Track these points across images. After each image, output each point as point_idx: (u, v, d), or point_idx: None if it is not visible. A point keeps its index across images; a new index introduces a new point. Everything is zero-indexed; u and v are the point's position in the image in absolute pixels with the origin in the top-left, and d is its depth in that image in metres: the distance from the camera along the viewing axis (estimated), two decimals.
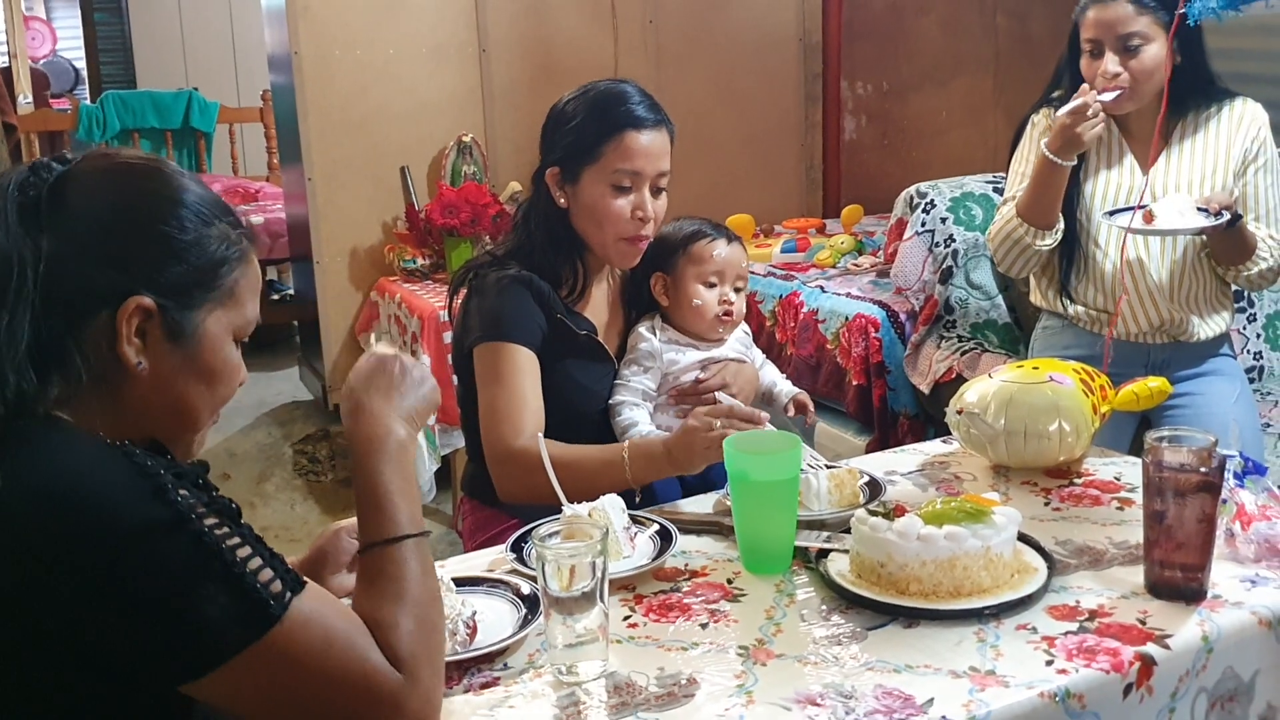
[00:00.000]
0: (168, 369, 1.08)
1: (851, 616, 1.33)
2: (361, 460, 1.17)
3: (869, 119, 4.64)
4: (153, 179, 1.10)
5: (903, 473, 1.78)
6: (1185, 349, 2.37)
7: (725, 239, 2.00)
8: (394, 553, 1.12)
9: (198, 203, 1.10)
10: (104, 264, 1.04)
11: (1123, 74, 2.21)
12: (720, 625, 1.33)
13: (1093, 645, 1.24)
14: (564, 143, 1.89)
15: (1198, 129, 2.31)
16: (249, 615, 0.98)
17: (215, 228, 1.10)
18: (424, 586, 1.12)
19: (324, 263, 4.02)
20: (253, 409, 4.63)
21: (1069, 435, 1.70)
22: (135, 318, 1.05)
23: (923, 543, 1.33)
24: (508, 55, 4.10)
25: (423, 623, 1.09)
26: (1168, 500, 1.33)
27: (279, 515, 3.83)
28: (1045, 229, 2.31)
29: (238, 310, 1.13)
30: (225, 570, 0.98)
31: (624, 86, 1.92)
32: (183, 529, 0.97)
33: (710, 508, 1.68)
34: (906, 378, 2.97)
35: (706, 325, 1.97)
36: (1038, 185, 2.27)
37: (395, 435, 1.18)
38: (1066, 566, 1.43)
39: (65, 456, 0.99)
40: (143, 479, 0.98)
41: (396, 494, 1.15)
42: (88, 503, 0.96)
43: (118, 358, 1.05)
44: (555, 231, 1.91)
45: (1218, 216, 2.11)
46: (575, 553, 1.24)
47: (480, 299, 1.89)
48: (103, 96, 6.51)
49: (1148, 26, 2.19)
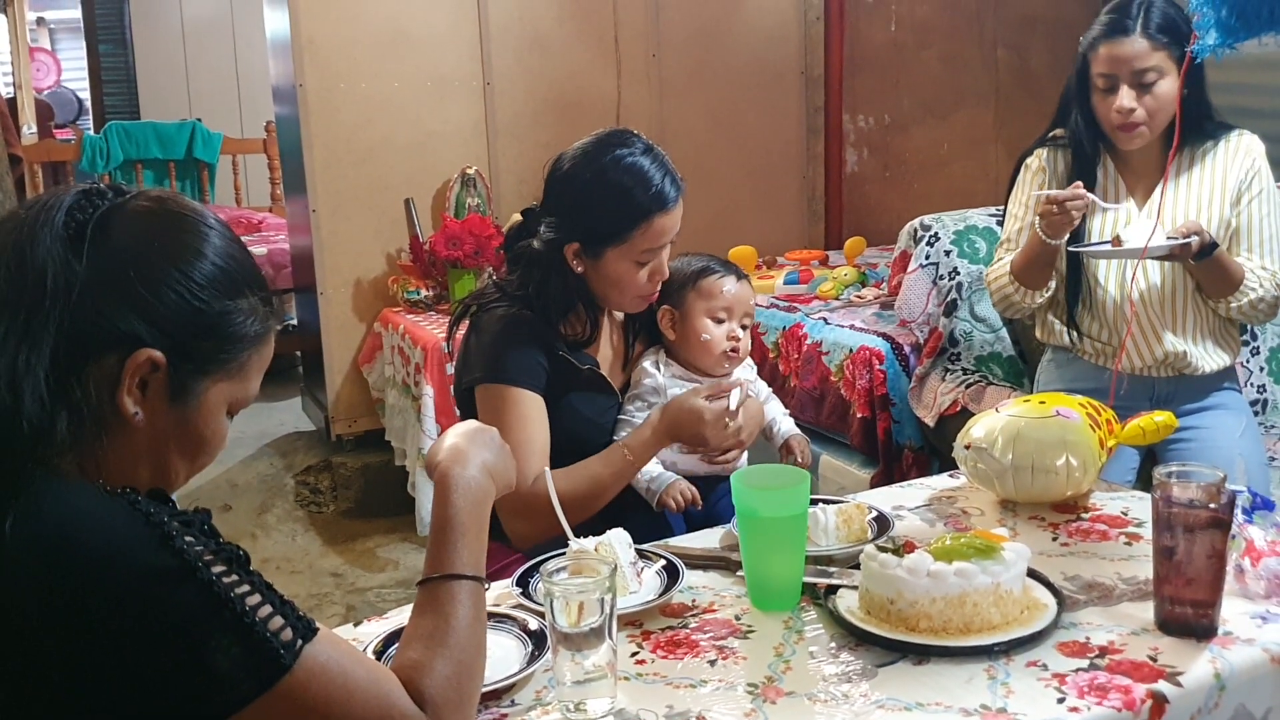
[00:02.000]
0: (159, 427, 1.05)
1: (861, 653, 1.32)
2: (444, 494, 1.20)
3: (870, 151, 4.66)
4: (197, 235, 1.08)
5: (910, 508, 1.77)
6: (1190, 382, 2.37)
7: (735, 276, 2.01)
8: (449, 590, 1.13)
9: (235, 270, 1.09)
10: (129, 308, 1.02)
11: (1139, 110, 2.22)
12: (729, 662, 1.32)
13: (1104, 683, 1.23)
14: (585, 224, 1.85)
15: (1194, 163, 2.32)
16: (260, 665, 0.96)
17: (245, 300, 1.09)
18: (471, 632, 1.12)
19: (328, 294, 4.02)
20: (254, 439, 4.62)
21: (1076, 470, 1.69)
22: (142, 369, 1.03)
23: (932, 579, 1.33)
24: (512, 88, 4.12)
25: (461, 668, 1.09)
26: (1177, 536, 1.33)
27: (280, 547, 3.81)
28: (1036, 290, 2.36)
29: (242, 385, 1.11)
30: (235, 619, 0.96)
31: (639, 160, 1.84)
32: (191, 577, 0.95)
33: (717, 542, 1.67)
34: (911, 410, 2.97)
35: (713, 360, 1.97)
36: (1029, 255, 2.32)
37: (481, 482, 1.22)
38: (1076, 603, 1.42)
39: (68, 505, 0.97)
40: (148, 527, 0.96)
41: (467, 534, 1.17)
42: (93, 552, 0.94)
43: (114, 405, 1.02)
44: (569, 291, 1.89)
45: (1185, 239, 2.12)
46: (584, 589, 1.23)
47: (480, 336, 1.89)
48: (106, 127, 6.54)
49: (1162, 61, 2.20)
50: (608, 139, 1.89)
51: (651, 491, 1.89)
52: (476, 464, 1.24)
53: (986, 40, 4.66)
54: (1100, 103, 2.27)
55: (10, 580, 0.94)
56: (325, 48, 3.87)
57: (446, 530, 1.17)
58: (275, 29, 4.15)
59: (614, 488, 1.85)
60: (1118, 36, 2.22)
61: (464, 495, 1.20)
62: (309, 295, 4.16)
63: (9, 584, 0.94)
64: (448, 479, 1.21)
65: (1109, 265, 2.32)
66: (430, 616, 1.11)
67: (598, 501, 1.83)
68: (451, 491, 1.20)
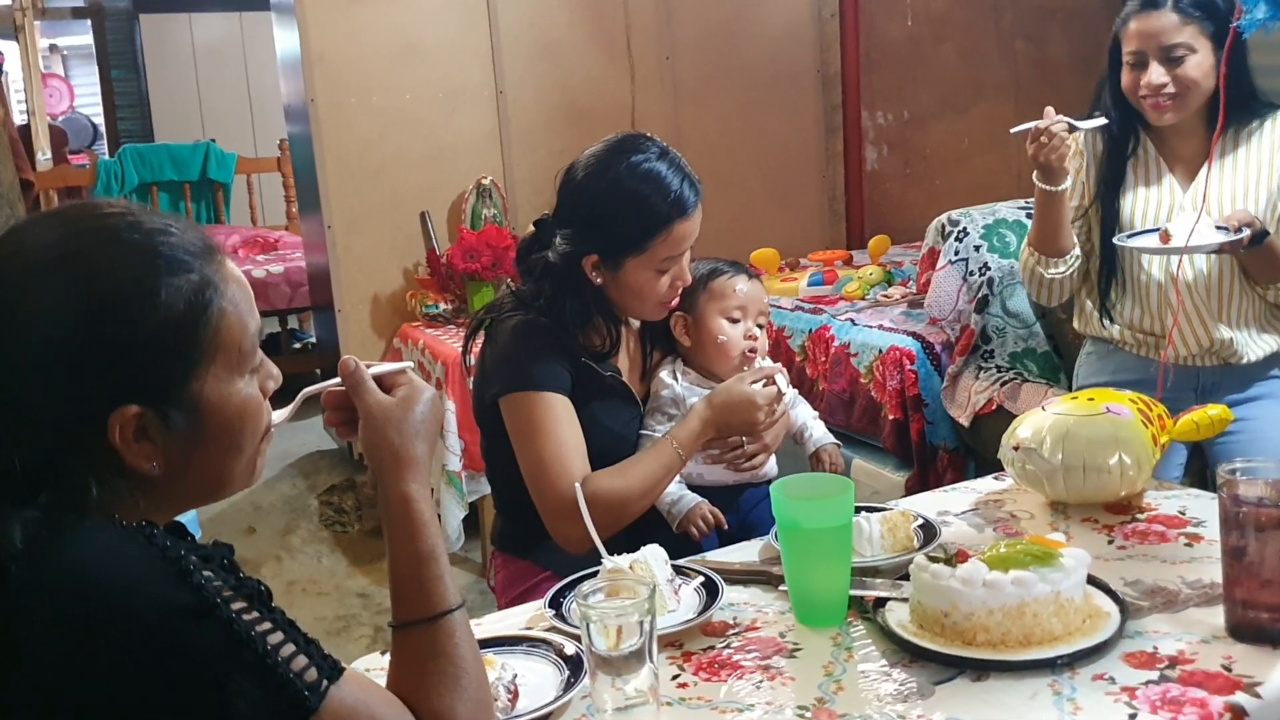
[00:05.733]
0: (182, 453, 0.97)
1: (916, 670, 1.25)
2: (413, 524, 1.06)
3: (890, 148, 4.60)
4: (74, 275, 0.93)
5: (956, 513, 1.70)
6: (1235, 371, 2.29)
7: (745, 275, 1.95)
8: (446, 629, 1.04)
9: (142, 277, 0.94)
10: (58, 391, 0.92)
11: (1168, 84, 2.15)
12: (776, 684, 1.26)
13: (1177, 696, 1.16)
14: (602, 235, 1.78)
15: (1239, 144, 2.25)
16: (283, 708, 0.91)
17: (162, 297, 0.94)
18: (475, 664, 1.05)
19: (345, 310, 3.97)
20: (277, 460, 4.58)
21: (1130, 468, 1.62)
22: (128, 428, 0.94)
23: (989, 589, 1.26)
24: (525, 97, 4.07)
25: (480, 707, 1.02)
26: (1247, 536, 1.26)
27: (306, 568, 3.76)
28: (1055, 256, 2.29)
29: (230, 353, 0.98)
30: (256, 660, 0.90)
31: (655, 166, 1.77)
32: (210, 615, 0.89)
33: (756, 555, 1.61)
34: (944, 410, 2.89)
35: (732, 362, 1.90)
36: (1038, 214, 2.27)
37: (428, 488, 1.11)
38: (1139, 609, 1.35)
39: (82, 541, 0.91)
40: (165, 562, 0.90)
41: (441, 558, 1.07)
42: (107, 588, 0.89)
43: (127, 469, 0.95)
44: (587, 303, 1.83)
45: (1237, 233, 2.05)
46: (622, 611, 1.17)
47: (497, 347, 1.82)
48: (120, 150, 6.55)
49: (1192, 37, 2.14)
50: (621, 145, 1.82)
51: (673, 515, 1.83)
52: (425, 470, 1.09)
53: (1004, 32, 4.59)
54: (1128, 79, 2.21)
55: (24, 617, 0.89)
56: (336, 62, 3.83)
57: (429, 564, 1.05)
58: (285, 47, 4.12)
59: (666, 482, 1.79)
60: (1148, 10, 2.18)
61: (433, 517, 1.08)
62: (327, 313, 4.12)
63: (23, 621, 0.89)
64: (410, 506, 1.07)
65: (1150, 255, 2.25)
66: (436, 662, 1.03)
67: (649, 498, 1.78)
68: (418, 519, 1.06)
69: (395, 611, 1.06)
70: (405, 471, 1.08)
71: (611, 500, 1.71)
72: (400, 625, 1.05)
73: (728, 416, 1.80)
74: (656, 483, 1.77)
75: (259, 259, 5.82)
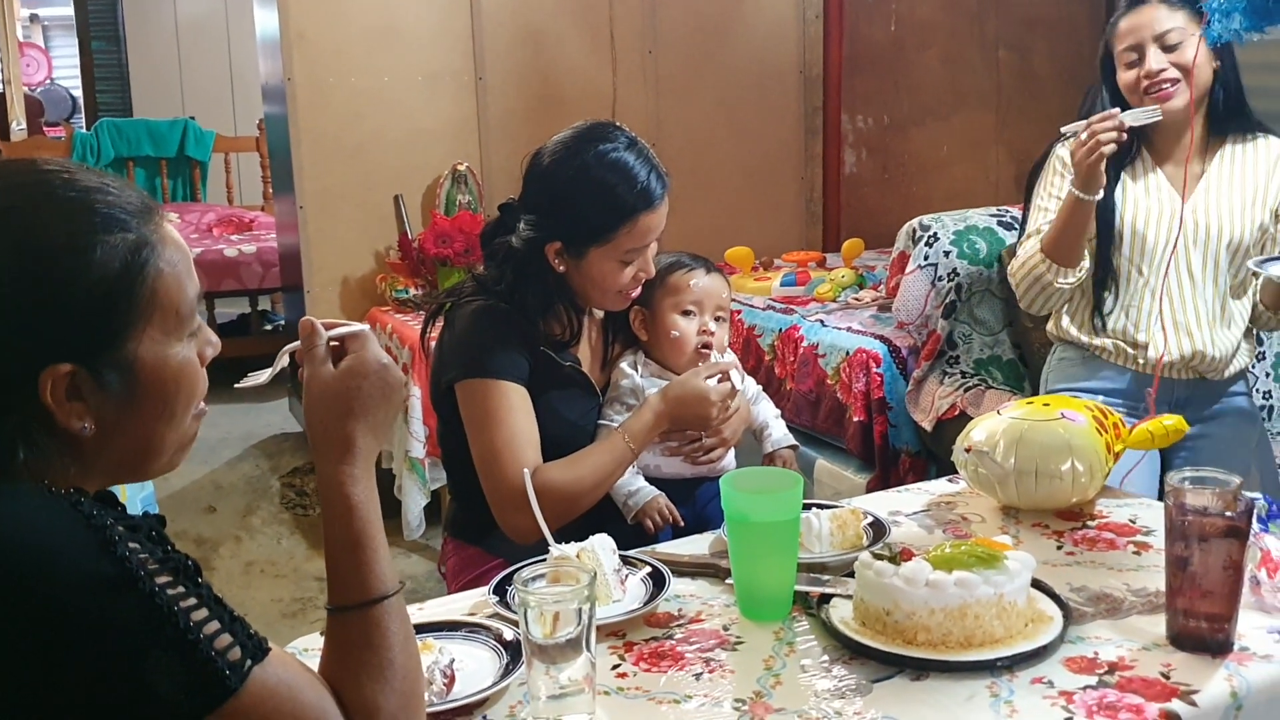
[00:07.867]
0: (114, 415, 0.95)
1: (855, 668, 1.25)
2: (334, 505, 1.04)
3: (869, 152, 4.60)
4: (7, 231, 0.92)
5: (907, 513, 1.70)
6: (1206, 386, 2.29)
7: (704, 269, 1.93)
8: (377, 615, 1.01)
9: (77, 233, 0.92)
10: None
11: (1168, 69, 2.15)
12: (716, 676, 1.25)
13: (1114, 701, 1.16)
14: (566, 223, 1.77)
15: (1234, 159, 2.25)
16: (202, 686, 0.88)
17: (96, 254, 0.92)
18: (407, 653, 1.02)
19: (314, 292, 3.95)
20: (240, 441, 4.55)
21: (1082, 475, 1.62)
22: (60, 386, 0.92)
23: (931, 589, 1.25)
24: (505, 84, 4.05)
25: (407, 699, 1.00)
26: (1192, 546, 1.26)
27: (265, 549, 3.73)
28: (1069, 267, 2.24)
29: (167, 315, 0.96)
30: (177, 636, 0.87)
31: (623, 156, 1.76)
32: (131, 588, 0.87)
33: (706, 548, 1.60)
34: (908, 414, 2.89)
35: (686, 358, 1.89)
36: (1064, 221, 2.20)
37: (371, 470, 1.07)
38: (1083, 615, 1.35)
39: (3, 505, 0.89)
40: (90, 530, 0.88)
41: (376, 540, 1.04)
42: (27, 554, 0.86)
43: (59, 429, 0.92)
44: (549, 290, 1.81)
45: None
46: (560, 598, 1.16)
47: (455, 332, 1.80)
48: (98, 124, 6.48)
49: (1184, 22, 2.16)
50: (589, 132, 1.80)
51: (630, 506, 1.82)
52: (362, 451, 1.06)
53: (988, 41, 4.59)
54: (1129, 75, 2.20)
55: None
56: (315, 42, 3.80)
57: (359, 549, 1.03)
58: (265, 26, 4.09)
59: (617, 475, 1.78)
60: (1137, 6, 2.20)
61: (368, 500, 1.05)
62: (296, 294, 4.09)
63: None
64: (342, 489, 1.04)
65: (1154, 258, 2.23)
66: (363, 650, 1.00)
67: (599, 490, 1.76)
68: (349, 501, 1.03)
69: (329, 594, 1.04)
70: (338, 452, 1.05)
71: (561, 492, 1.69)
72: (331, 609, 1.03)
73: (681, 411, 1.79)
74: (607, 475, 1.76)
75: (233, 238, 5.78)
